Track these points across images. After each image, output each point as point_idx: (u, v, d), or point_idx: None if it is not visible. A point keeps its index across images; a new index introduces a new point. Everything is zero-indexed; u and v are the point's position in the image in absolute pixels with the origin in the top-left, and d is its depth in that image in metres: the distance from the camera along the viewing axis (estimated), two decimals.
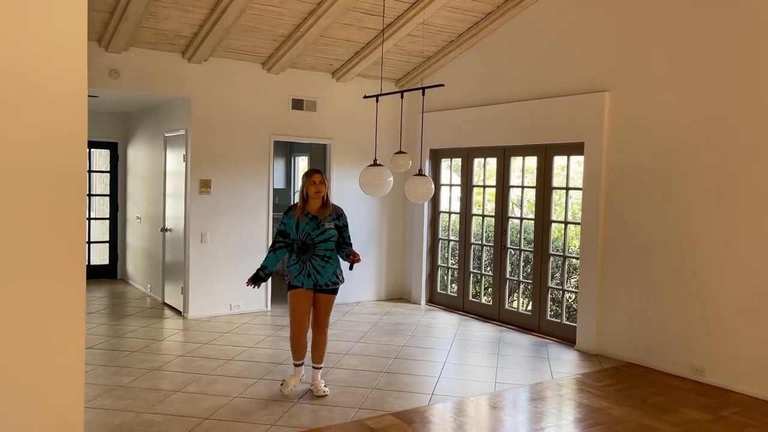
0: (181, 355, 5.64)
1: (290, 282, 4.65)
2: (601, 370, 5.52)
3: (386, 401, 4.60)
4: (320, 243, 4.59)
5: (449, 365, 5.58)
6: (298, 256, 4.62)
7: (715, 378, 5.12)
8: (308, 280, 4.58)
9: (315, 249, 4.58)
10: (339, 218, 4.70)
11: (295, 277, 4.62)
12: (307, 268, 4.58)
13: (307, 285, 4.59)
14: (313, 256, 4.59)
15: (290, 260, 4.68)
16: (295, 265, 4.63)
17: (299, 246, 4.60)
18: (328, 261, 4.63)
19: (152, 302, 7.91)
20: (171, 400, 4.50)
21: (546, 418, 4.38)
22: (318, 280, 4.60)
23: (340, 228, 4.69)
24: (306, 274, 4.58)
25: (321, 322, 4.71)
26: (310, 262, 4.58)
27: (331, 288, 4.67)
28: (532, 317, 6.84)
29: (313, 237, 4.57)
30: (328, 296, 4.68)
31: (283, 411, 4.34)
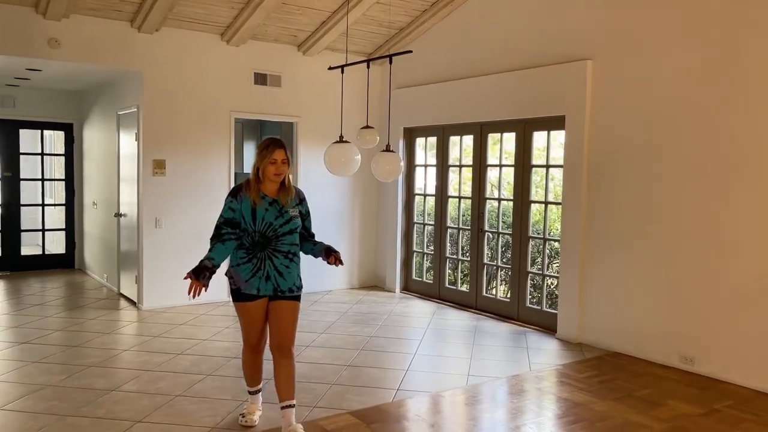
0: (125, 350, 5.14)
1: (239, 288, 3.48)
2: (583, 360, 5.10)
3: (346, 398, 4.15)
4: (284, 236, 3.48)
5: (420, 357, 5.13)
6: (250, 252, 3.46)
7: (705, 367, 4.72)
8: (266, 284, 3.46)
9: (277, 243, 3.47)
10: (302, 203, 3.64)
11: (246, 282, 3.45)
12: (265, 269, 3.45)
13: (265, 291, 3.47)
14: (275, 253, 3.46)
15: (237, 258, 3.50)
16: (245, 264, 3.46)
17: (256, 240, 3.45)
18: (292, 259, 3.52)
19: (108, 293, 7.40)
20: (103, 400, 4.02)
21: (523, 415, 3.95)
22: (279, 284, 3.47)
23: (303, 216, 3.63)
24: (263, 276, 3.45)
25: (285, 340, 3.48)
26: (269, 261, 3.45)
27: (296, 294, 3.55)
28: (511, 304, 6.42)
29: (275, 228, 3.45)
30: (291, 304, 3.51)
31: (227, 411, 3.87)
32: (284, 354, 3.49)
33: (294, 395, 3.49)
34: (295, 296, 3.54)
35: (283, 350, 3.49)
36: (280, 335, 3.49)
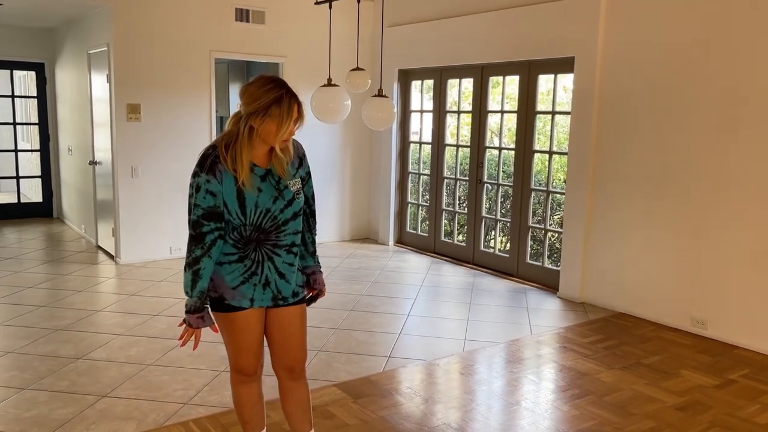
0: (98, 311, 4.80)
1: (223, 297, 2.35)
2: (587, 322, 4.79)
3: (332, 368, 3.82)
4: (286, 224, 2.34)
5: (413, 318, 4.81)
6: (240, 249, 2.33)
7: (718, 331, 4.41)
8: (264, 293, 2.37)
9: (278, 236, 2.34)
10: (302, 164, 2.46)
11: (234, 289, 2.34)
12: (263, 273, 2.35)
13: (262, 301, 2.38)
14: (276, 250, 2.35)
15: (222, 257, 2.34)
16: (234, 264, 2.32)
17: (248, 235, 2.31)
18: (296, 254, 2.43)
19: (86, 245, 7.02)
20: (67, 370, 3.69)
21: (523, 388, 3.65)
22: (282, 289, 2.40)
23: (303, 180, 2.45)
24: (261, 283, 2.35)
25: (297, 360, 2.50)
26: (270, 262, 2.35)
27: (301, 296, 2.50)
28: (510, 260, 6.07)
29: (274, 215, 2.31)
30: (297, 309, 2.48)
31: (202, 384, 3.54)
32: (296, 376, 2.51)
33: (312, 424, 2.59)
34: (301, 299, 2.50)
35: (296, 372, 2.51)
36: (289, 355, 2.48)
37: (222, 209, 2.26)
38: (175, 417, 3.14)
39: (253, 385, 2.52)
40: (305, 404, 2.56)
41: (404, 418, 3.20)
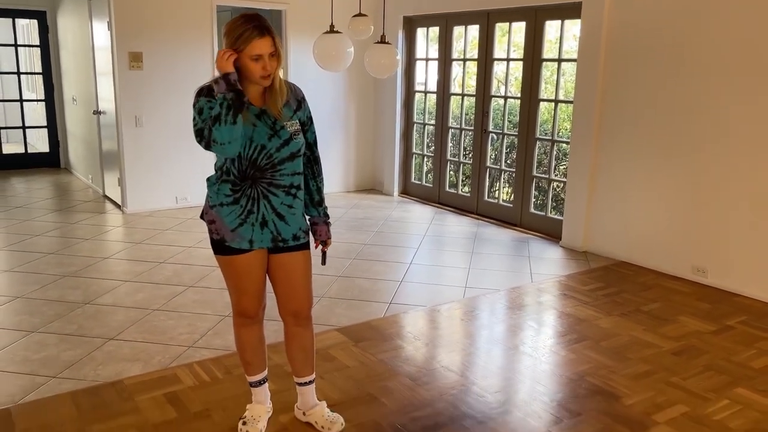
0: (106, 258, 4.87)
1: (222, 238, 2.39)
2: (588, 270, 4.82)
3: (335, 313, 3.89)
4: (283, 163, 2.35)
5: (415, 267, 4.86)
6: (237, 188, 2.35)
7: (718, 280, 4.43)
8: (263, 233, 2.38)
9: (274, 175, 2.35)
10: (301, 107, 2.44)
11: (233, 231, 2.37)
12: (259, 212, 2.36)
13: (261, 242, 2.40)
14: (272, 189, 2.36)
15: (219, 196, 2.37)
16: (231, 206, 2.36)
17: (245, 170, 2.33)
18: (296, 195, 2.42)
19: (94, 195, 7.07)
20: (75, 314, 3.77)
21: (522, 333, 3.70)
22: (281, 231, 2.41)
23: (304, 126, 2.45)
24: (258, 222, 2.37)
25: (302, 305, 2.54)
26: (265, 201, 2.36)
27: (304, 241, 2.49)
28: (514, 210, 6.08)
29: (269, 152, 2.32)
30: (301, 255, 2.48)
31: (207, 328, 3.62)
32: (302, 322, 2.57)
33: (314, 368, 2.66)
34: (304, 243, 2.49)
35: (301, 318, 2.55)
36: (294, 300, 2.52)
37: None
38: (180, 359, 3.22)
39: (254, 328, 2.58)
40: (309, 350, 2.61)
41: (403, 361, 3.27)
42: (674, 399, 2.92)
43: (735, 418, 2.77)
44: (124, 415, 2.68)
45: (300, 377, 2.64)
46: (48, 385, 2.92)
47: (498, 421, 2.72)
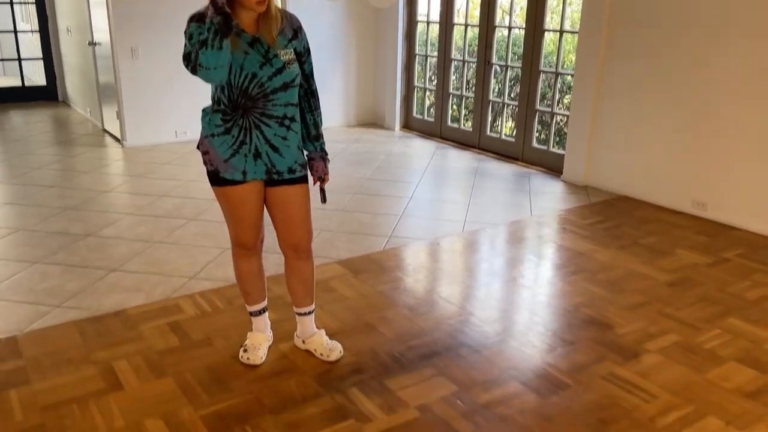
0: (106, 191, 4.88)
1: (216, 169, 2.37)
2: (588, 204, 4.82)
3: (334, 246, 3.92)
4: (276, 93, 2.29)
5: (415, 201, 4.86)
6: (228, 117, 2.31)
7: (718, 213, 4.43)
8: (256, 165, 2.36)
9: (266, 105, 2.30)
10: (297, 37, 2.35)
11: (226, 162, 2.35)
12: (252, 143, 2.33)
13: (255, 174, 2.37)
14: (264, 119, 2.31)
15: (211, 127, 2.35)
16: (222, 136, 2.33)
17: (235, 99, 2.28)
18: (290, 127, 2.38)
19: (93, 129, 7.03)
20: (78, 246, 3.81)
21: (519, 266, 3.74)
22: (275, 163, 2.38)
23: (301, 57, 2.38)
24: (251, 153, 2.34)
25: (301, 239, 2.54)
26: (258, 131, 2.32)
27: (300, 174, 2.47)
28: (516, 144, 6.03)
29: (261, 81, 2.25)
30: (298, 188, 2.46)
31: (208, 260, 3.66)
32: (302, 255, 2.57)
33: (313, 300, 2.70)
34: (301, 177, 2.46)
35: (301, 251, 2.56)
36: (293, 234, 2.52)
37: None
38: (181, 290, 3.28)
39: (253, 259, 2.60)
40: (309, 282, 2.65)
41: (402, 292, 3.32)
42: (666, 329, 2.97)
43: (725, 347, 2.83)
44: (128, 343, 2.75)
45: (300, 308, 2.69)
46: (53, 314, 2.99)
47: (493, 350, 2.78)
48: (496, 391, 2.48)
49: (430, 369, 2.62)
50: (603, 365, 2.66)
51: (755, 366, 2.67)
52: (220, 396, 2.40)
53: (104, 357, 2.63)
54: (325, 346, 2.69)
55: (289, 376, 2.55)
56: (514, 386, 2.51)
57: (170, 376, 2.52)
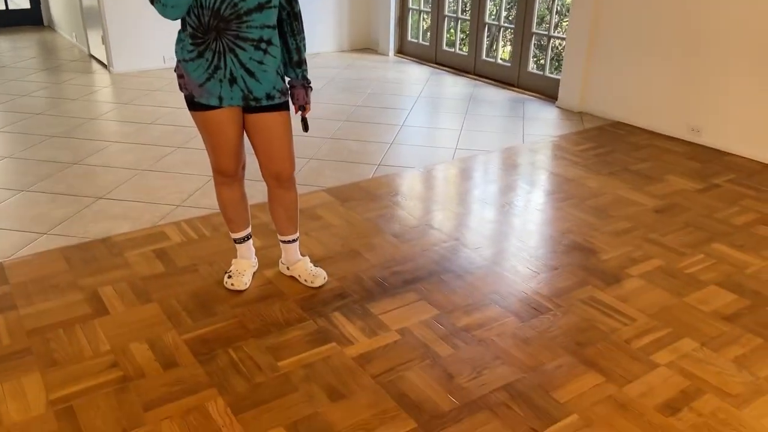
0: (93, 118, 4.81)
1: (191, 93, 2.31)
2: (582, 131, 4.76)
3: (322, 175, 3.90)
4: (250, 14, 2.17)
5: (407, 129, 4.80)
6: (200, 41, 2.21)
7: (713, 138, 4.38)
8: (232, 90, 2.27)
9: (240, 27, 2.18)
10: None
11: (201, 86, 2.27)
12: (226, 68, 2.23)
13: (231, 100, 2.29)
14: (238, 42, 2.20)
15: (183, 51, 2.25)
16: (196, 60, 2.23)
17: (206, 21, 2.16)
18: (266, 50, 2.25)
19: (79, 54, 6.87)
20: (64, 174, 3.79)
21: (508, 193, 3.73)
22: (252, 89, 2.29)
23: None
24: (226, 78, 2.24)
25: (282, 167, 2.48)
26: (232, 55, 2.21)
27: (280, 101, 2.37)
28: (512, 69, 5.90)
29: (234, 1, 2.13)
30: (277, 115, 2.38)
31: (195, 188, 3.65)
32: (284, 184, 2.54)
33: (296, 228, 2.69)
34: (281, 104, 2.38)
35: (283, 180, 2.52)
36: (274, 162, 2.46)
37: None
38: (168, 217, 3.28)
39: (234, 186, 2.58)
40: (291, 211, 2.63)
41: (389, 220, 3.32)
42: (650, 254, 2.99)
43: (707, 271, 2.85)
44: (114, 269, 2.77)
45: (283, 236, 2.69)
46: (39, 241, 3.00)
47: (477, 276, 2.80)
48: (477, 315, 2.52)
49: (412, 294, 2.65)
50: (584, 290, 2.69)
51: (735, 290, 2.70)
52: (204, 320, 2.44)
53: (90, 283, 2.66)
54: (309, 272, 2.71)
55: (273, 301, 2.58)
56: (495, 310, 2.55)
57: (155, 301, 2.55)
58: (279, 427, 1.93)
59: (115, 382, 2.10)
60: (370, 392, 2.09)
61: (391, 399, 2.06)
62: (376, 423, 1.96)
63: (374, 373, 2.17)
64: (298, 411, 2.00)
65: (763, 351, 2.31)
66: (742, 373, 2.19)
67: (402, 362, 2.23)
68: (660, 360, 2.26)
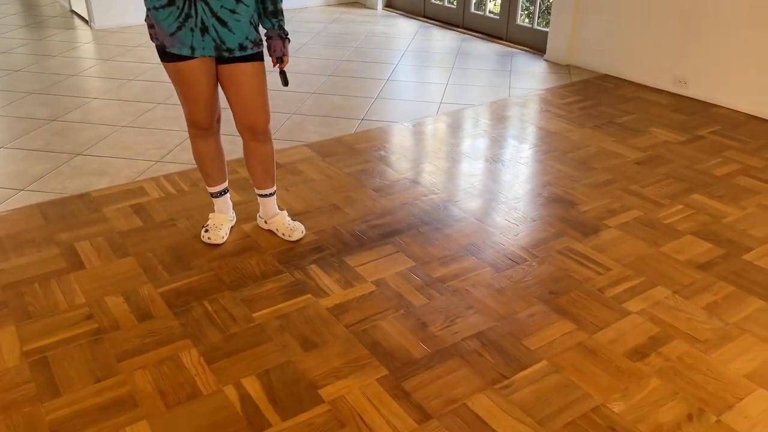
0: (73, 75, 4.74)
1: (163, 45, 2.26)
2: (569, 84, 4.71)
3: (304, 130, 3.86)
4: None
5: (392, 83, 4.74)
6: None
7: (699, 90, 4.34)
8: (203, 40, 2.23)
9: None
10: None
11: (171, 36, 2.22)
12: (197, 16, 2.18)
13: (203, 50, 2.25)
14: None
15: (155, 1, 2.18)
16: (166, 8, 2.17)
17: None
18: (242, 2, 2.23)
19: (61, 10, 6.72)
20: (43, 130, 3.75)
21: (491, 147, 3.70)
22: (224, 39, 2.25)
23: None
24: (197, 27, 2.20)
25: (257, 119, 2.46)
26: (202, 2, 2.16)
27: (253, 51, 2.34)
28: (500, 22, 5.79)
29: None
30: (251, 66, 2.35)
31: (175, 144, 3.61)
32: (259, 137, 2.51)
33: (274, 181, 2.68)
34: (254, 54, 2.34)
35: (258, 132, 2.49)
36: (247, 114, 2.43)
37: None
38: (147, 173, 3.26)
39: (210, 140, 2.56)
40: (267, 164, 2.61)
41: (369, 174, 3.31)
42: (629, 205, 2.99)
43: (685, 221, 2.85)
44: (91, 225, 2.77)
45: (260, 189, 2.68)
46: (16, 198, 2.98)
47: (455, 228, 2.81)
48: (453, 266, 2.53)
49: (390, 246, 2.65)
50: (561, 241, 2.70)
51: (711, 239, 2.71)
52: (180, 274, 2.44)
53: (67, 238, 2.66)
54: (287, 226, 2.71)
55: (250, 254, 2.58)
56: (471, 261, 2.56)
57: (132, 255, 2.56)
58: (251, 376, 1.95)
59: (89, 334, 2.11)
60: (344, 341, 2.11)
61: (363, 347, 2.08)
62: (347, 371, 1.98)
63: (348, 323, 2.19)
64: (271, 360, 2.02)
65: (734, 298, 2.33)
66: (712, 320, 2.21)
67: (376, 312, 2.25)
68: (632, 308, 2.28)
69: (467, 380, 1.94)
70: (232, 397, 1.87)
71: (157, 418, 1.80)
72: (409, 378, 1.95)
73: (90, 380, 1.92)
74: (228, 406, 1.84)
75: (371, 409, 1.84)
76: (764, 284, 2.41)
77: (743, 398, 1.88)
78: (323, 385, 1.92)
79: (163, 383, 1.92)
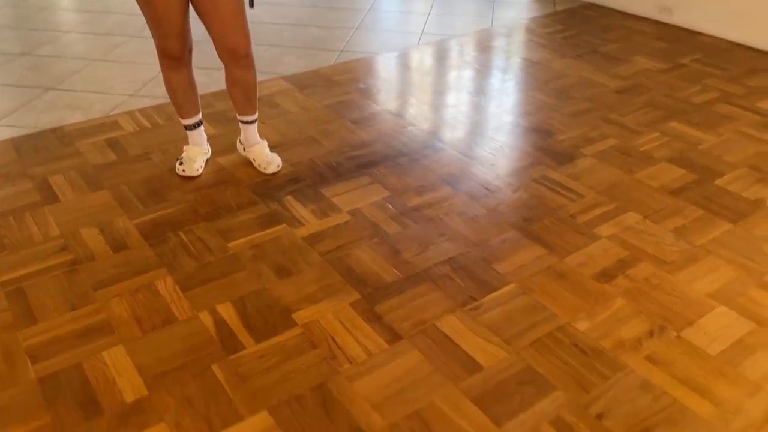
0: (43, 8, 4.60)
1: None
2: (552, 13, 4.62)
3: (283, 62, 3.79)
4: None
5: (374, 13, 4.63)
6: None
7: (683, 18, 4.27)
8: None
9: None
10: None
11: None
12: None
13: None
14: None
15: None
16: None
17: None
18: None
19: None
20: (14, 65, 3.67)
21: (471, 77, 3.65)
22: None
23: None
24: None
25: (237, 42, 2.36)
26: None
27: None
28: None
29: None
30: None
31: (150, 77, 3.55)
32: (241, 63, 2.42)
33: (256, 108, 2.62)
34: None
35: (239, 57, 2.39)
36: (227, 36, 2.33)
37: None
38: (121, 107, 3.21)
39: (182, 71, 2.51)
40: (250, 92, 2.56)
41: (347, 106, 3.27)
42: (607, 133, 2.99)
43: (661, 149, 2.86)
44: (65, 159, 2.75)
45: (242, 116, 2.64)
46: None
47: (432, 159, 2.80)
48: (428, 195, 2.54)
49: (366, 177, 2.66)
50: (537, 169, 2.71)
51: (685, 165, 2.73)
52: (155, 206, 2.45)
53: (40, 172, 2.65)
54: (265, 157, 2.70)
55: (225, 187, 2.58)
56: (446, 191, 2.57)
57: (106, 188, 2.55)
58: (226, 302, 1.99)
59: (65, 265, 2.13)
60: (318, 268, 2.14)
61: (337, 274, 2.11)
62: (321, 296, 2.02)
63: (322, 251, 2.22)
64: (246, 287, 2.05)
65: (703, 221, 2.37)
66: (680, 242, 2.25)
67: (351, 241, 2.27)
68: (603, 233, 2.31)
69: (437, 303, 1.98)
70: (207, 322, 1.91)
71: (132, 342, 1.84)
72: (381, 302, 1.99)
73: (66, 308, 1.95)
74: (203, 331, 1.88)
75: (343, 331, 1.88)
76: (733, 208, 2.44)
77: (704, 315, 1.93)
78: (297, 309, 1.96)
79: (138, 310, 1.95)
